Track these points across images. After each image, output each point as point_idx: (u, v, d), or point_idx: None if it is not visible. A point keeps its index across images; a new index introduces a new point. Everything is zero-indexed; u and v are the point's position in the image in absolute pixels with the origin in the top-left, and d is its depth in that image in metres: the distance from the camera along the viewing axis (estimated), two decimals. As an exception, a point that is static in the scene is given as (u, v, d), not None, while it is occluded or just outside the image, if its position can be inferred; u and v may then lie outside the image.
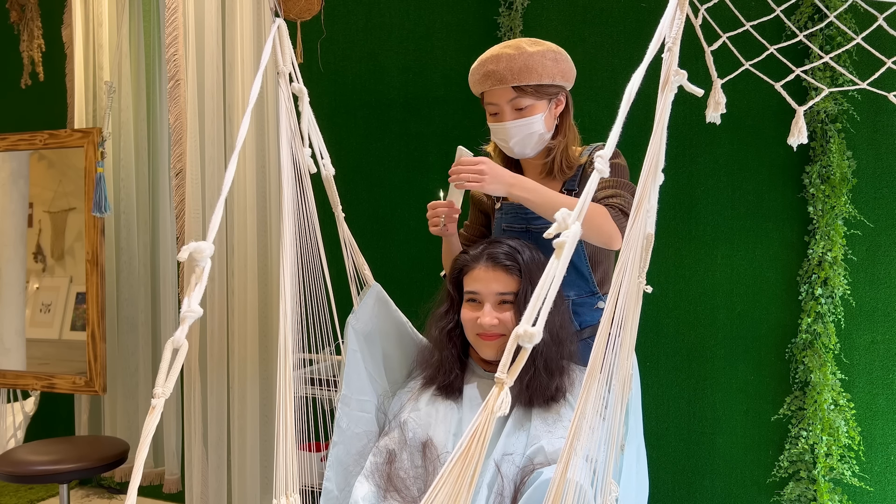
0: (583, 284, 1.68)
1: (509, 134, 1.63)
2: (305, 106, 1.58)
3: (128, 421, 2.90)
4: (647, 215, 0.97)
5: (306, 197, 1.58)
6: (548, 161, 1.68)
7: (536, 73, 1.57)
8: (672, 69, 0.96)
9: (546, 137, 1.66)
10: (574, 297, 1.67)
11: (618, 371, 1.00)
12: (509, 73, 1.57)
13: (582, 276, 1.67)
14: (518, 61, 1.57)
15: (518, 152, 1.68)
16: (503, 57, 1.58)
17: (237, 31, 2.43)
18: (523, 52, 1.57)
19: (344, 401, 1.57)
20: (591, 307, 1.70)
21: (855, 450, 2.11)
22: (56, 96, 3.15)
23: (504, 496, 1.34)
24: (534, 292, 0.78)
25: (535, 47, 1.59)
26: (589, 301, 1.69)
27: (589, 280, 1.68)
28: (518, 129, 1.62)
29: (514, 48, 1.59)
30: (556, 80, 1.60)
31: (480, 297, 1.51)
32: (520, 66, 1.57)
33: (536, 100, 1.60)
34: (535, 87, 1.58)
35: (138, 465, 0.80)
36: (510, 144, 1.65)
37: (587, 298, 1.69)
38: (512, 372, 0.76)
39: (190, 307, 0.90)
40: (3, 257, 2.85)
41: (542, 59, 1.57)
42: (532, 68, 1.56)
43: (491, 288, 1.49)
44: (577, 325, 1.67)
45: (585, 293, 1.69)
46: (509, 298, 1.49)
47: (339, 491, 1.52)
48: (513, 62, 1.57)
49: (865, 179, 2.08)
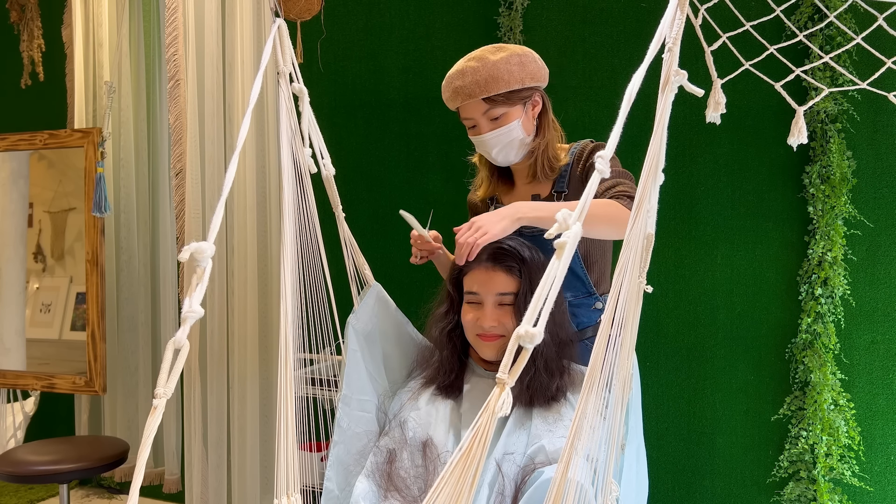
0: (579, 286, 1.67)
1: (489, 145, 1.63)
2: (306, 106, 1.58)
3: (128, 421, 2.90)
4: (647, 215, 0.97)
5: (307, 197, 1.58)
6: (531, 163, 1.68)
7: (503, 80, 1.56)
8: (672, 69, 0.96)
9: (527, 141, 1.65)
10: (571, 299, 1.67)
11: (618, 371, 1.01)
12: (476, 87, 1.57)
13: (577, 277, 1.66)
14: (482, 73, 1.56)
15: (503, 160, 1.68)
16: (467, 71, 1.58)
17: (237, 31, 2.43)
18: (486, 63, 1.56)
19: (344, 400, 1.57)
20: (588, 308, 1.69)
21: (855, 450, 2.11)
22: (56, 96, 3.15)
23: (505, 495, 1.34)
24: (534, 293, 0.79)
25: (498, 54, 1.57)
26: (586, 302, 1.69)
27: (585, 281, 1.67)
28: (497, 138, 1.62)
29: (477, 60, 1.58)
30: (525, 83, 1.58)
31: (480, 297, 1.51)
32: (485, 77, 1.56)
33: (509, 107, 1.59)
34: (506, 95, 1.57)
35: (140, 466, 0.80)
36: (493, 154, 1.65)
37: (584, 299, 1.69)
38: (513, 373, 0.77)
39: (191, 307, 0.90)
40: (3, 257, 2.85)
41: (507, 66, 1.56)
42: (498, 77, 1.55)
43: (491, 288, 1.49)
44: (575, 327, 1.66)
45: (582, 294, 1.68)
46: (509, 299, 1.49)
47: (340, 490, 1.52)
48: (477, 74, 1.57)
49: (865, 179, 2.08)
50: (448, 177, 2.62)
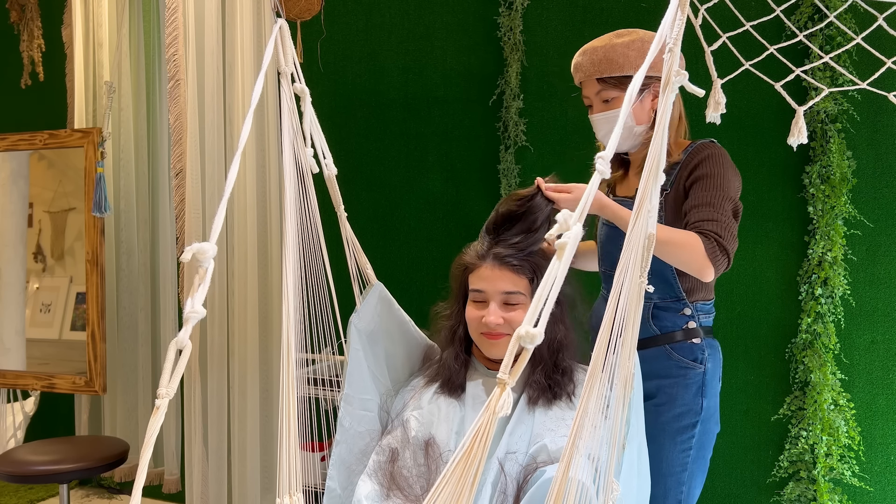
0: (666, 288, 1.61)
1: (597, 127, 1.63)
2: (307, 106, 1.58)
3: (128, 421, 2.90)
4: (648, 215, 0.97)
5: (308, 197, 1.58)
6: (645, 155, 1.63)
7: (618, 64, 1.55)
8: (673, 70, 0.97)
9: (638, 131, 1.61)
10: (657, 301, 1.62)
11: (620, 370, 1.01)
12: (591, 66, 1.57)
13: (665, 280, 1.60)
14: (600, 53, 1.56)
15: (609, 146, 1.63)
16: (589, 49, 1.59)
17: (237, 31, 2.43)
18: (607, 44, 1.56)
19: (347, 400, 1.57)
20: (675, 312, 1.62)
21: (855, 450, 2.11)
22: (56, 96, 3.15)
23: (507, 494, 1.34)
24: (535, 293, 0.79)
25: (622, 38, 1.57)
26: (673, 306, 1.62)
27: (674, 285, 1.61)
28: (604, 121, 1.60)
29: (604, 40, 1.58)
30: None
31: (486, 295, 1.50)
32: (600, 58, 1.56)
33: (622, 91, 1.49)
34: (619, 79, 1.56)
35: (143, 466, 0.80)
36: (599, 137, 1.65)
37: (671, 303, 1.62)
38: (513, 373, 0.76)
39: (193, 308, 0.90)
40: (3, 257, 2.85)
41: (626, 50, 1.54)
42: (613, 60, 1.55)
43: (497, 287, 1.49)
44: (657, 330, 1.62)
45: (670, 297, 1.61)
46: (515, 298, 1.48)
47: (343, 490, 1.52)
48: (595, 54, 1.57)
49: (865, 179, 2.08)
50: (448, 177, 2.62)
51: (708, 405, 1.61)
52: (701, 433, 1.61)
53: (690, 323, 1.62)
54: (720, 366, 1.66)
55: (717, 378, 1.64)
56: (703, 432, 1.61)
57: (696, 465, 1.63)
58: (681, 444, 1.61)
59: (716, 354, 1.64)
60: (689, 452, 1.61)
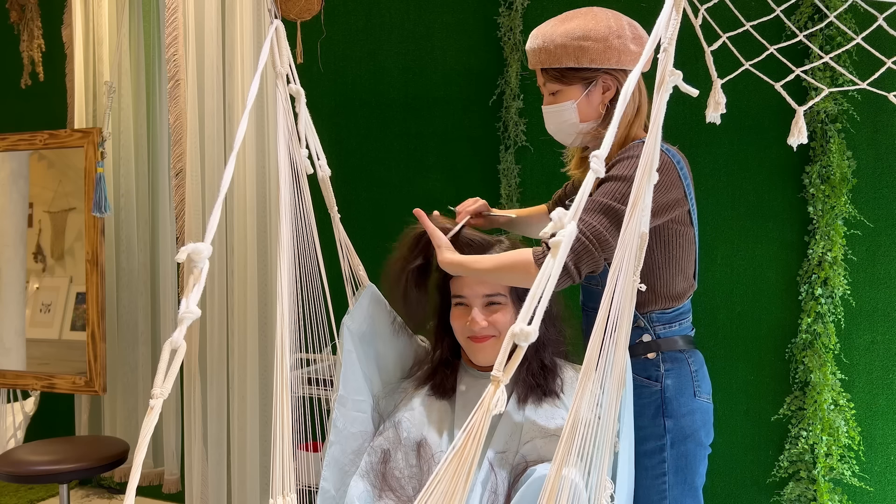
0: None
1: (545, 120, 1.48)
2: (302, 107, 1.58)
3: (128, 421, 2.90)
4: (641, 215, 0.97)
5: (303, 197, 1.58)
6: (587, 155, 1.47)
7: (555, 56, 1.37)
8: (667, 69, 0.96)
9: (583, 128, 1.44)
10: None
11: (612, 369, 1.01)
12: (532, 54, 1.42)
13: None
14: (539, 40, 1.39)
15: (561, 141, 1.51)
16: (533, 35, 1.41)
17: (237, 31, 2.43)
18: (548, 32, 1.38)
19: (340, 401, 1.57)
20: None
21: (855, 450, 2.10)
22: (56, 96, 3.16)
23: (498, 494, 1.34)
24: (529, 291, 0.78)
25: (565, 24, 1.37)
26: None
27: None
28: (549, 115, 1.46)
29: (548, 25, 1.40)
30: (581, 63, 1.36)
31: (468, 300, 1.50)
32: (539, 47, 1.39)
33: (564, 85, 1.40)
34: (560, 71, 1.39)
35: (137, 465, 0.80)
36: (549, 131, 1.50)
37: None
38: (507, 370, 0.77)
39: (188, 308, 0.90)
40: (3, 257, 2.86)
41: (564, 40, 1.36)
42: (550, 51, 1.37)
43: (477, 291, 1.49)
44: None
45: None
46: (496, 300, 1.49)
47: (336, 490, 1.52)
48: (535, 41, 1.40)
49: (865, 179, 2.08)
50: (448, 177, 2.62)
51: (676, 426, 1.43)
52: (675, 457, 1.43)
53: (645, 336, 1.45)
54: (692, 380, 1.46)
55: (686, 394, 1.45)
56: (679, 455, 1.44)
57: (679, 491, 1.45)
58: (651, 469, 1.44)
59: (680, 369, 1.45)
60: (664, 479, 1.44)
